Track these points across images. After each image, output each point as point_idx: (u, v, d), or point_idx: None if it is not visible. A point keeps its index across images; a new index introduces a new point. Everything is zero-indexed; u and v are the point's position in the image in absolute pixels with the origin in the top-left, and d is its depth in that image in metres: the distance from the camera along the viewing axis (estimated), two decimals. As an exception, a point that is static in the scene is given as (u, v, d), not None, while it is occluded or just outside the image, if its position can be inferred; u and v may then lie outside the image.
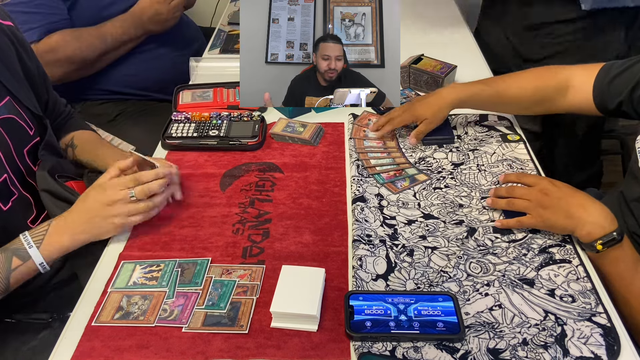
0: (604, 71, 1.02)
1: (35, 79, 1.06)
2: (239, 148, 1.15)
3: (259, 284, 0.84)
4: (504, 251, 0.88)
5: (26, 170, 0.98)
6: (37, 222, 0.99)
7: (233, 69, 1.45)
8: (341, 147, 1.16)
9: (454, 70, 1.34)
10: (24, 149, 0.98)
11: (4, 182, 0.93)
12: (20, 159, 0.97)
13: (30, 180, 0.99)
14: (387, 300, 0.78)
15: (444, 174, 1.05)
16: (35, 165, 1.00)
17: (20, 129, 0.98)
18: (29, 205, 0.98)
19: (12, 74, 0.98)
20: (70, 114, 1.21)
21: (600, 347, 0.72)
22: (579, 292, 0.80)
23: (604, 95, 1.01)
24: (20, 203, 0.96)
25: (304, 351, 0.74)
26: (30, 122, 1.00)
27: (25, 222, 0.97)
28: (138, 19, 1.49)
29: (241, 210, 0.99)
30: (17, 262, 0.84)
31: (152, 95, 1.66)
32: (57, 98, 1.18)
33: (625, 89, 0.97)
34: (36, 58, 1.08)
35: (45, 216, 1.01)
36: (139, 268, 0.88)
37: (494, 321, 0.76)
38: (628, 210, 1.00)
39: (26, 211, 0.98)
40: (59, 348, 0.77)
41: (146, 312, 0.80)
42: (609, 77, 1.00)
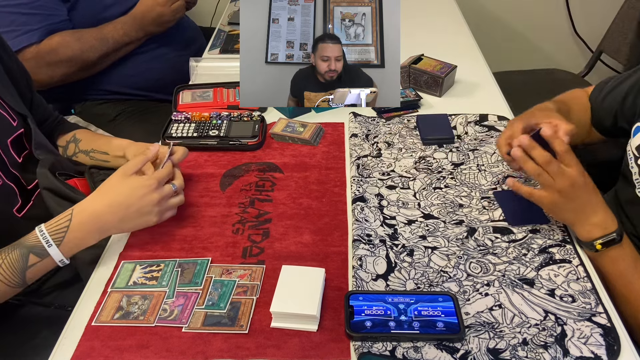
0: (598, 89, 1.02)
1: (17, 78, 1.05)
2: (239, 148, 1.15)
3: (259, 284, 0.84)
4: (504, 251, 0.88)
5: (10, 161, 0.97)
6: (23, 212, 0.98)
7: (233, 69, 1.45)
8: (341, 147, 1.16)
9: (454, 70, 1.34)
10: (8, 139, 0.97)
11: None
12: (3, 149, 0.96)
13: (14, 170, 0.98)
14: (387, 300, 0.78)
15: (444, 174, 1.05)
16: (20, 157, 1.00)
17: (3, 120, 0.97)
18: (14, 195, 0.97)
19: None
20: (59, 119, 1.21)
21: (600, 347, 0.72)
22: (579, 292, 0.80)
23: (599, 113, 1.01)
24: (4, 191, 0.95)
25: (304, 351, 0.74)
26: (13, 115, 0.99)
27: (11, 211, 0.96)
28: (139, 21, 1.49)
29: (241, 210, 0.99)
30: (35, 260, 0.82)
31: (152, 96, 1.66)
32: (43, 101, 1.17)
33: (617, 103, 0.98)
34: (16, 57, 1.08)
35: (32, 206, 0.99)
36: (139, 268, 0.88)
37: (494, 321, 0.76)
38: (622, 211, 1.00)
39: (11, 200, 0.96)
40: (59, 347, 0.77)
41: (146, 312, 0.80)
42: (602, 94, 1.01)
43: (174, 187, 0.92)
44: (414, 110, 1.27)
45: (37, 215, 0.97)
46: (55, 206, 0.97)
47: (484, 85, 1.38)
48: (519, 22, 2.55)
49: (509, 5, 2.50)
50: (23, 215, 0.98)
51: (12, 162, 0.98)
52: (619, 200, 1.02)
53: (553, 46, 2.54)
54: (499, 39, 2.53)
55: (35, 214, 0.98)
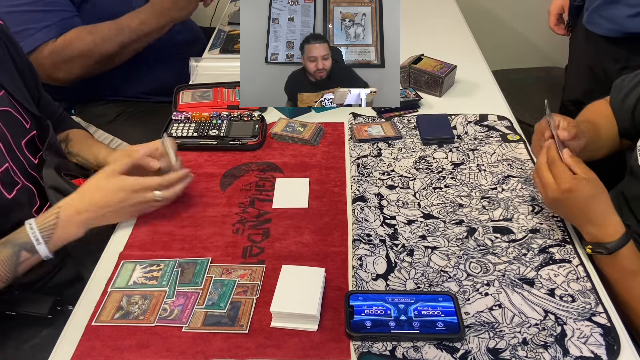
0: (616, 90, 1.01)
1: (26, 78, 1.06)
2: (239, 148, 1.15)
3: (259, 283, 0.84)
4: (504, 251, 0.88)
5: (27, 162, 0.99)
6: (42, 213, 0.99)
7: (233, 69, 1.45)
8: (341, 147, 1.16)
9: (454, 70, 1.34)
10: (22, 141, 0.99)
11: (6, 171, 0.93)
12: (19, 151, 0.98)
13: (32, 172, 1.00)
14: (387, 300, 0.78)
15: (444, 174, 1.05)
16: (35, 159, 1.01)
17: (17, 121, 0.99)
18: (33, 196, 0.99)
19: (5, 71, 0.99)
20: (63, 115, 1.22)
21: (600, 346, 0.72)
22: (578, 292, 0.80)
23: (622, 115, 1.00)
24: (24, 192, 0.97)
25: (304, 351, 0.74)
26: (27, 116, 1.01)
27: (30, 212, 0.98)
28: (159, 7, 1.47)
29: (241, 210, 0.99)
30: (26, 255, 0.86)
31: (152, 98, 1.66)
32: (50, 98, 1.19)
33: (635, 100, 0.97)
34: (27, 58, 1.09)
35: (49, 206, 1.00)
36: (139, 268, 0.88)
37: (494, 321, 0.76)
38: (628, 209, 0.99)
39: (30, 201, 0.99)
40: (59, 347, 0.77)
41: (146, 312, 0.80)
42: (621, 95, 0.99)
43: (158, 195, 0.93)
44: (414, 110, 1.27)
45: None
46: None
47: (484, 85, 1.38)
48: (519, 21, 2.55)
49: (509, 5, 2.51)
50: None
51: (30, 164, 1.00)
52: (624, 197, 1.01)
53: (552, 45, 2.54)
54: (499, 38, 2.54)
55: None
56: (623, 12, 1.38)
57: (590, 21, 1.52)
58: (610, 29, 1.44)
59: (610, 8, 1.42)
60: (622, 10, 1.38)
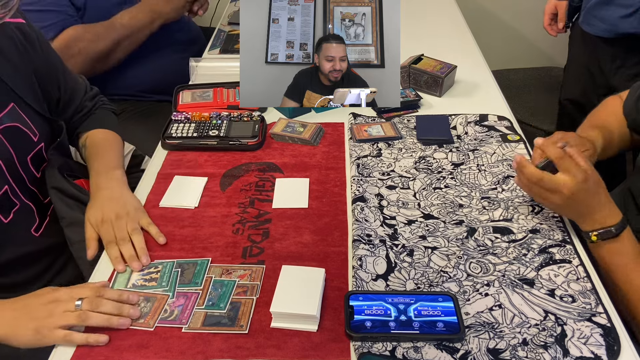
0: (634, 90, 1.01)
1: (43, 77, 1.01)
2: (239, 148, 1.15)
3: (259, 284, 0.84)
4: (504, 251, 0.88)
5: (29, 178, 0.97)
6: (41, 230, 0.99)
7: (233, 69, 1.45)
8: (341, 147, 1.16)
9: (454, 70, 1.34)
10: (27, 156, 0.97)
11: (5, 194, 0.92)
12: (23, 167, 0.96)
13: (32, 187, 0.98)
14: (387, 300, 0.78)
15: (444, 174, 1.05)
16: (39, 172, 1.00)
17: (24, 136, 0.96)
18: (31, 214, 0.98)
19: (17, 75, 0.95)
20: (91, 110, 1.16)
21: (600, 347, 0.72)
22: (579, 292, 0.80)
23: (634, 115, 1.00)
24: (22, 213, 0.95)
25: (304, 351, 0.74)
26: (35, 128, 0.97)
27: (29, 232, 0.97)
28: (147, 2, 1.49)
29: (241, 210, 0.99)
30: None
31: (153, 97, 1.66)
32: (76, 93, 1.12)
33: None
34: (48, 53, 1.05)
35: (48, 224, 1.00)
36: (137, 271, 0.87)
37: (494, 321, 0.76)
38: (634, 205, 0.99)
39: (29, 220, 0.97)
40: (59, 347, 0.77)
41: (147, 315, 0.80)
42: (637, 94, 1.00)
43: (77, 306, 0.77)
44: (414, 110, 1.27)
45: (55, 230, 0.99)
46: (62, 205, 0.97)
47: (484, 85, 1.38)
48: (519, 21, 2.55)
49: (509, 5, 2.51)
50: (40, 233, 0.99)
51: (30, 179, 0.98)
52: (631, 192, 1.01)
53: (552, 45, 2.54)
54: (499, 38, 2.54)
55: (53, 230, 0.99)
56: (616, 13, 1.39)
57: (585, 22, 1.52)
58: (605, 29, 1.44)
59: (603, 9, 1.42)
60: (616, 11, 1.39)
